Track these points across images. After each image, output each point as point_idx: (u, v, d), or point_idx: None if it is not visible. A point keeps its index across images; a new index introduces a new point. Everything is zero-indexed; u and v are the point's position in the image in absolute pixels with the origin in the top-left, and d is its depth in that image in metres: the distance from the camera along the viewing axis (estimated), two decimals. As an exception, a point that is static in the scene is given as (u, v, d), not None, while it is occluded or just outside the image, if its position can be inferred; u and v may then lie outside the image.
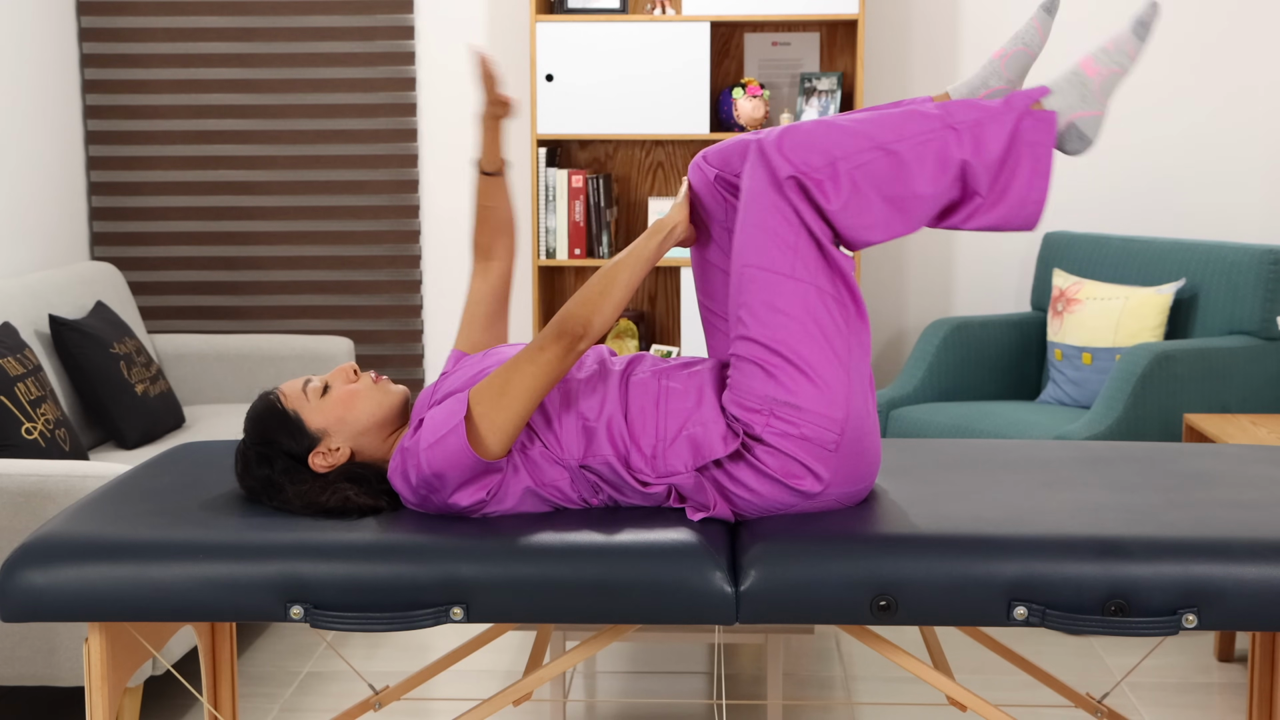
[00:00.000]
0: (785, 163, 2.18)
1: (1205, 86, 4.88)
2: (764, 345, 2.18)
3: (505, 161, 2.51)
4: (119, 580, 2.10)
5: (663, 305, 5.05)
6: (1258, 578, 2.06)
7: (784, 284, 2.18)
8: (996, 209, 2.23)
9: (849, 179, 2.18)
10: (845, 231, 2.20)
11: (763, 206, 2.20)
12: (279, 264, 5.04)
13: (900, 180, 2.19)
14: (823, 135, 2.19)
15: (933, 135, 2.20)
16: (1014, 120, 2.22)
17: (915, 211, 2.21)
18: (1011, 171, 2.22)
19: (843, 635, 3.93)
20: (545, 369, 2.17)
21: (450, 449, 2.14)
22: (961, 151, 2.20)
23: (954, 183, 2.21)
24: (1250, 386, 4.12)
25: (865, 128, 2.20)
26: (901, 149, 2.19)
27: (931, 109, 2.23)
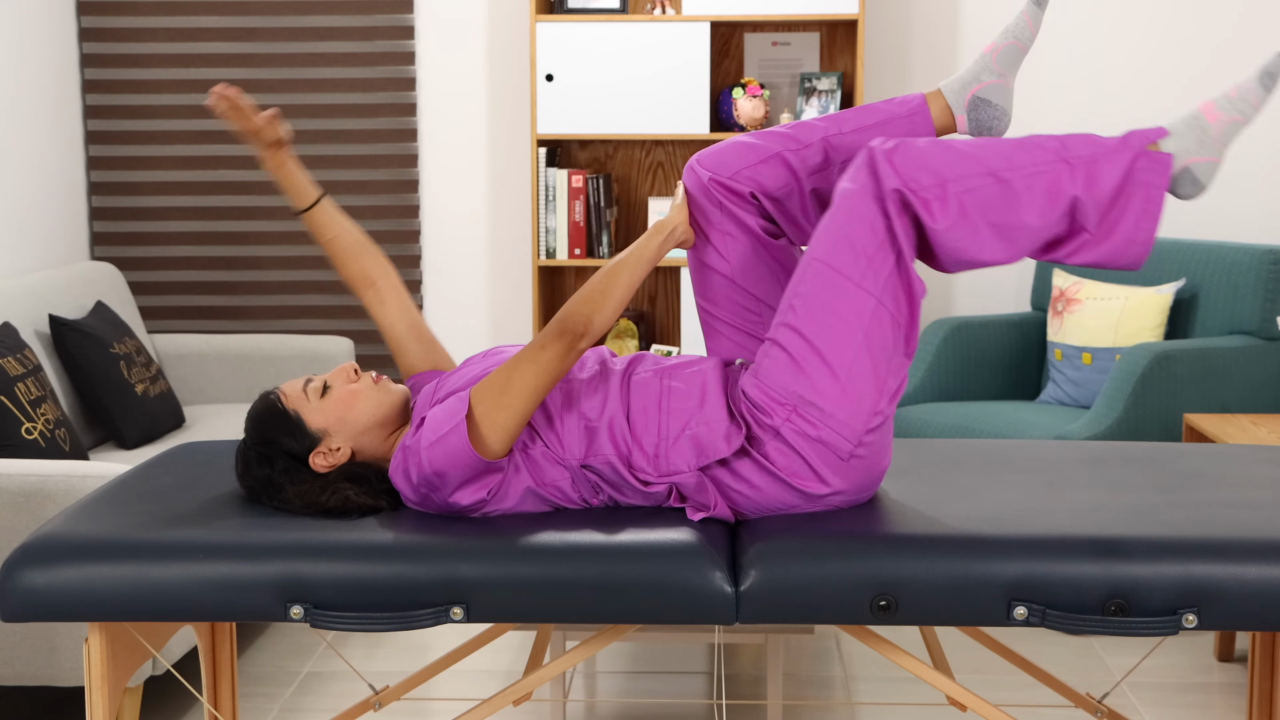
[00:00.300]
0: (894, 175, 2.16)
1: (1206, 88, 4.88)
2: (806, 339, 2.17)
3: (317, 189, 2.47)
4: (119, 580, 2.10)
5: (663, 305, 5.05)
6: (1258, 578, 2.06)
7: (847, 288, 2.17)
8: (1102, 246, 2.22)
9: (957, 201, 2.17)
10: (945, 252, 2.19)
11: (853, 210, 2.18)
12: (279, 264, 5.04)
13: (1009, 209, 2.18)
14: (935, 155, 2.18)
15: (1046, 167, 2.19)
16: (1129, 159, 2.21)
17: (1020, 241, 2.20)
18: (1121, 210, 2.21)
19: (843, 635, 3.93)
20: (546, 367, 2.17)
21: (451, 447, 2.14)
22: (1074, 187, 2.19)
23: (1062, 217, 2.20)
24: (1250, 386, 4.12)
25: (979, 153, 2.20)
26: (1013, 178, 2.18)
27: (1048, 141, 2.22)
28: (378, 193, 5.00)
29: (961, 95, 2.37)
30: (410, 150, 4.99)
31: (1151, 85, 4.89)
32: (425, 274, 5.07)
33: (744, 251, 2.34)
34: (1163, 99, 4.89)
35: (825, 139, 2.33)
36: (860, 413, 2.18)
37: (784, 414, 2.18)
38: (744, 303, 2.35)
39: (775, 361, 2.19)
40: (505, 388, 2.16)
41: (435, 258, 5.06)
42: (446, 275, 5.07)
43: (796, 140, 2.33)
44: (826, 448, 2.18)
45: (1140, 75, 4.89)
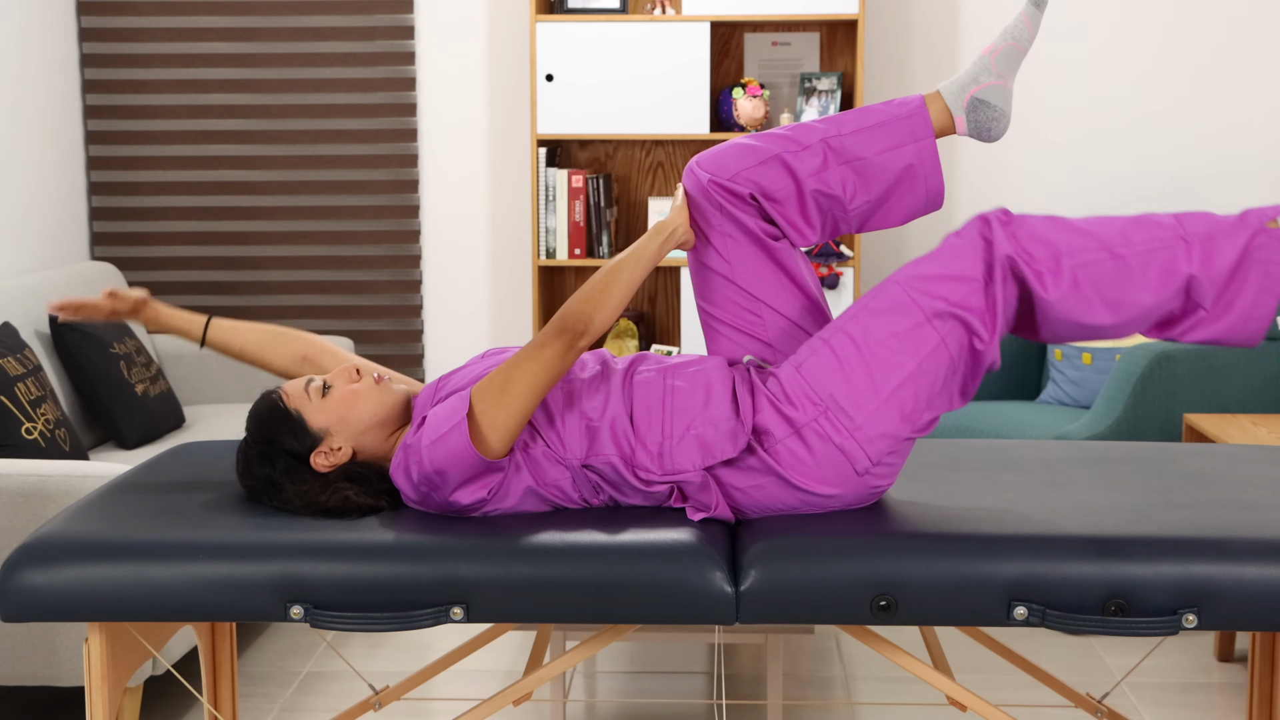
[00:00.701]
0: (1009, 243, 2.18)
1: (1206, 90, 4.88)
2: (859, 350, 2.19)
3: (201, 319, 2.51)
4: (119, 580, 2.10)
5: (663, 305, 5.05)
6: (1258, 578, 2.06)
7: (918, 319, 2.18)
8: (1218, 323, 2.22)
9: (1071, 275, 2.18)
10: (1054, 323, 2.20)
11: (955, 258, 2.20)
12: (279, 264, 5.04)
13: (1123, 285, 2.19)
14: (1051, 229, 2.20)
15: (1162, 245, 2.20)
16: (1247, 237, 2.21)
17: (1132, 316, 2.21)
18: (1238, 287, 2.21)
19: (843, 635, 3.93)
20: (546, 366, 2.17)
21: (452, 446, 2.14)
22: (1190, 265, 2.19)
23: (1177, 294, 2.21)
24: (1250, 386, 4.12)
25: (1095, 229, 2.21)
26: (1129, 254, 2.19)
27: (1164, 219, 2.23)
28: (378, 193, 5.00)
29: (960, 97, 2.37)
30: (410, 150, 4.99)
31: (1153, 84, 4.89)
32: (425, 274, 5.07)
33: (744, 253, 2.34)
34: (1164, 98, 4.89)
35: (825, 140, 2.33)
36: (885, 437, 2.20)
37: (813, 412, 2.19)
38: (744, 304, 2.35)
39: (822, 361, 2.20)
40: (506, 386, 2.16)
41: (435, 258, 5.06)
42: (446, 275, 5.07)
43: (796, 142, 2.33)
44: (844, 457, 2.19)
45: (1142, 74, 4.89)
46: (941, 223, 5.01)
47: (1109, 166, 4.93)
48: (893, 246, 5.03)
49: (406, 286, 5.05)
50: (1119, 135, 4.92)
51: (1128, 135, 4.91)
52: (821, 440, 2.19)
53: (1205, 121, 4.89)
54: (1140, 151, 4.91)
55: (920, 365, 2.18)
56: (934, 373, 2.19)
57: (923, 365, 2.18)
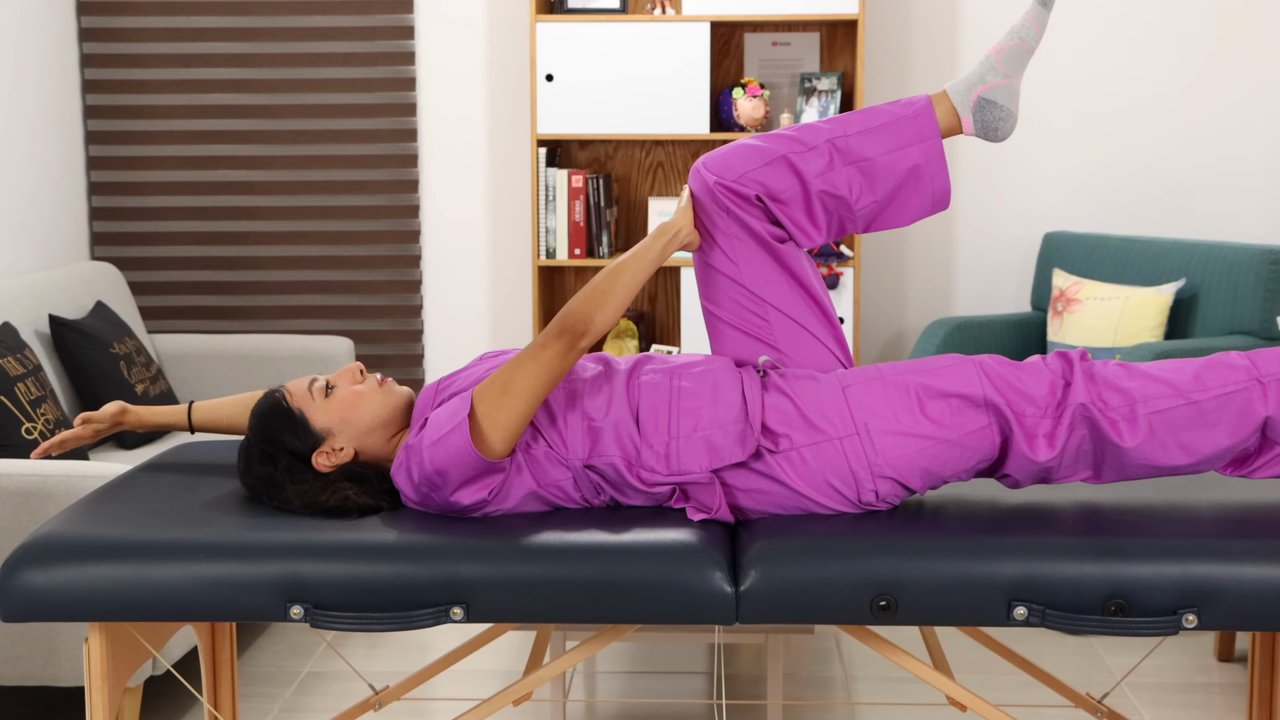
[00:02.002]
0: (1083, 390, 2.20)
1: (1206, 87, 4.88)
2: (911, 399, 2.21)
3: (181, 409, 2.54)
4: (119, 580, 2.10)
5: (663, 305, 5.05)
6: (1258, 578, 2.06)
7: (977, 404, 2.21)
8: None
9: (1146, 422, 2.19)
10: (1126, 466, 2.22)
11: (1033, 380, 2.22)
12: (279, 264, 5.04)
13: (1198, 428, 2.20)
14: (1125, 377, 2.21)
15: (1238, 388, 2.21)
16: None
17: (1208, 458, 2.22)
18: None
19: (843, 635, 3.93)
20: (547, 367, 2.17)
21: (453, 447, 2.14)
22: (1266, 407, 2.20)
23: (1253, 434, 2.22)
24: (1250, 386, 4.11)
25: (1169, 375, 2.22)
26: (1203, 399, 2.20)
27: (1238, 360, 2.23)
28: (378, 193, 5.00)
29: (967, 97, 2.37)
30: (410, 150, 4.99)
31: (1154, 83, 4.89)
32: (425, 274, 5.07)
33: (750, 254, 2.34)
34: (1164, 97, 4.89)
35: (830, 141, 2.33)
36: (896, 484, 2.22)
37: (845, 430, 2.20)
38: (749, 305, 2.35)
39: (873, 392, 2.23)
40: (507, 387, 2.16)
41: (435, 258, 5.06)
42: (446, 275, 5.07)
43: (802, 143, 2.33)
44: (854, 482, 2.20)
45: (1143, 73, 4.89)
46: (944, 222, 5.01)
47: (1110, 165, 4.93)
48: (893, 247, 5.03)
49: (406, 286, 5.05)
50: (1119, 134, 4.91)
51: (1128, 134, 4.91)
52: (839, 458, 2.19)
53: (1206, 120, 4.89)
54: (1141, 150, 4.91)
55: (961, 439, 2.21)
56: (969, 450, 2.22)
57: (964, 440, 2.21)
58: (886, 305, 5.06)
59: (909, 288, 5.05)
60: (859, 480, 2.20)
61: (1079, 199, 4.96)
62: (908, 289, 5.05)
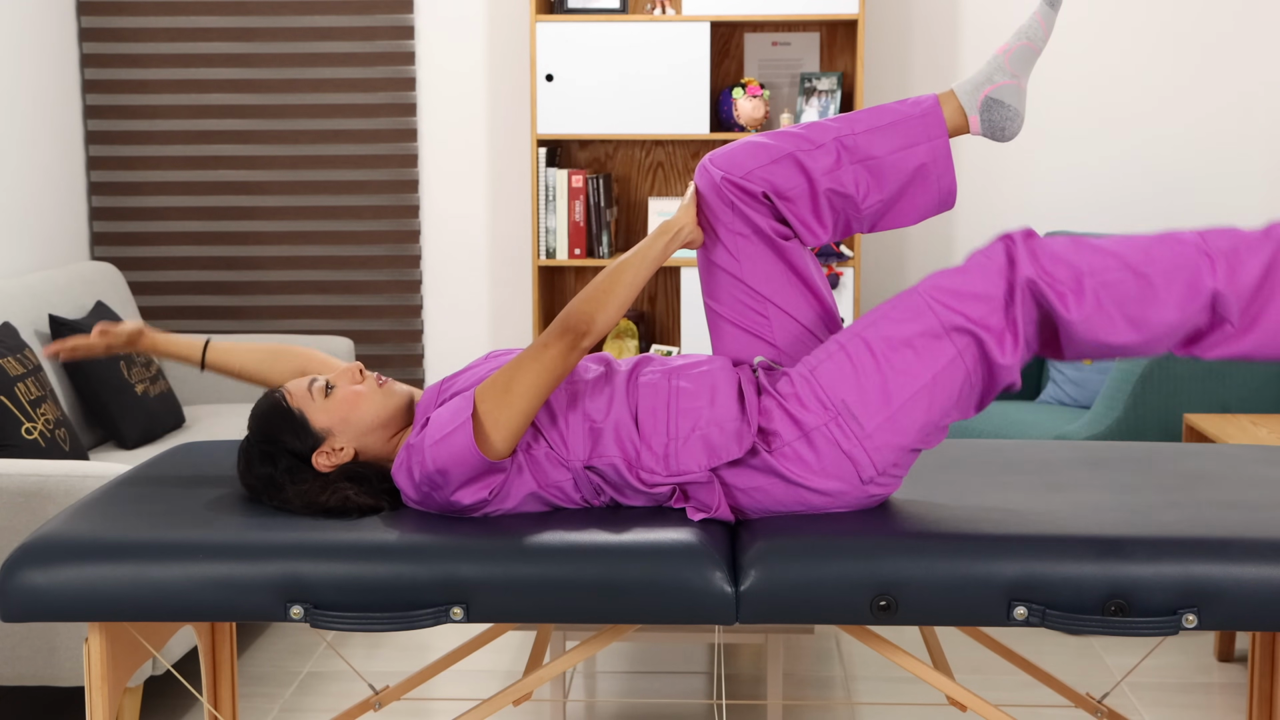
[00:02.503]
0: (1030, 265, 2.17)
1: (1206, 87, 4.88)
2: (875, 359, 2.19)
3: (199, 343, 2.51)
4: (119, 580, 2.10)
5: (663, 305, 5.05)
6: (1258, 578, 2.06)
7: (936, 331, 2.18)
8: (1246, 338, 2.21)
9: (1094, 295, 2.17)
10: (1078, 343, 2.19)
11: (977, 274, 2.19)
12: (279, 264, 5.04)
13: (1146, 303, 2.18)
14: (1073, 251, 2.19)
15: (1186, 261, 2.19)
16: (1272, 250, 2.20)
17: (1158, 335, 2.19)
18: (1265, 302, 2.20)
19: (843, 635, 3.93)
20: (549, 366, 2.17)
21: (455, 446, 2.14)
22: (1214, 280, 2.18)
23: (1202, 310, 2.19)
24: (1250, 386, 4.12)
25: (1117, 248, 2.20)
26: (1152, 272, 2.18)
27: (1187, 235, 2.22)
28: (378, 193, 5.00)
29: (974, 96, 2.37)
30: (410, 150, 4.99)
31: (1154, 81, 4.89)
32: (425, 274, 5.07)
33: (754, 252, 2.34)
34: (1165, 96, 4.89)
35: (838, 139, 2.33)
36: (893, 445, 2.20)
37: (824, 417, 2.19)
38: (751, 304, 2.35)
39: (837, 366, 2.20)
40: (509, 387, 2.16)
41: (435, 258, 5.06)
42: (446, 275, 5.07)
43: (809, 140, 2.33)
44: (851, 464, 2.19)
45: (1143, 72, 4.89)
46: (944, 221, 5.01)
47: (1110, 164, 4.93)
48: (893, 246, 5.03)
49: (406, 286, 5.05)
50: (1119, 133, 4.91)
51: (1128, 133, 4.91)
52: (830, 445, 2.18)
53: (1206, 119, 4.89)
54: (1141, 148, 4.91)
55: (935, 378, 2.18)
56: (948, 386, 2.19)
57: (938, 378, 2.18)
58: (886, 305, 5.06)
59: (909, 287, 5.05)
60: (855, 460, 2.19)
61: (1079, 198, 4.96)
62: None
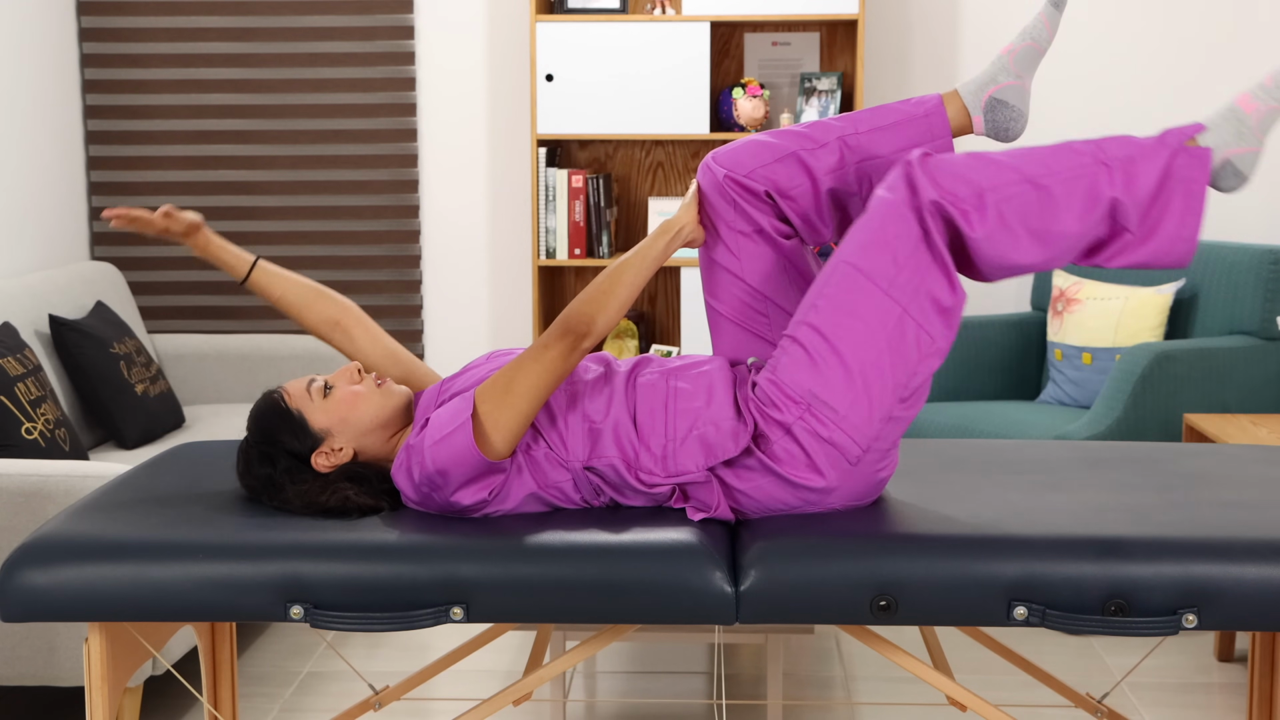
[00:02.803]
0: (932, 187, 2.16)
1: (1205, 87, 4.88)
2: (826, 340, 2.17)
3: (249, 257, 2.48)
4: (119, 580, 2.10)
5: (663, 305, 5.05)
6: (1258, 578, 2.06)
7: (874, 294, 2.16)
8: (1145, 246, 2.21)
9: (996, 210, 2.16)
10: (984, 262, 2.19)
11: (888, 218, 2.18)
12: (279, 264, 5.03)
13: (1048, 215, 2.17)
14: (972, 167, 2.18)
15: (1083, 171, 2.19)
16: (1167, 157, 2.20)
17: (1061, 246, 2.19)
18: (1163, 209, 2.20)
19: (843, 635, 3.93)
20: (549, 368, 2.17)
21: (455, 447, 2.14)
22: (1112, 189, 2.18)
23: (1103, 219, 2.19)
24: (1250, 386, 4.12)
25: (1015, 161, 2.19)
26: (1051, 184, 2.18)
27: (1083, 145, 2.21)
28: (378, 193, 5.00)
29: (978, 96, 2.37)
30: (410, 150, 4.99)
31: (1155, 81, 4.89)
32: (425, 274, 5.07)
33: (756, 251, 2.34)
34: (1166, 96, 4.89)
35: (841, 139, 2.33)
36: (873, 419, 2.18)
37: (797, 411, 2.18)
38: (752, 303, 2.35)
39: (793, 359, 2.19)
40: (509, 388, 2.16)
41: (435, 258, 5.06)
42: (446, 275, 5.07)
43: (812, 140, 2.33)
44: (835, 449, 2.18)
45: (1143, 71, 4.89)
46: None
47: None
48: (893, 246, 5.03)
49: (406, 286, 5.05)
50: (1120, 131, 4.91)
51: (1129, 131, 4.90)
52: (811, 437, 2.18)
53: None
54: (1140, 151, 4.91)
55: (889, 340, 2.16)
56: (904, 343, 2.17)
57: (891, 339, 2.16)
58: (886, 305, 5.06)
59: (909, 288, 5.05)
60: (838, 444, 2.18)
61: (1079, 199, 4.95)
62: (908, 289, 5.05)
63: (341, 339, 2.50)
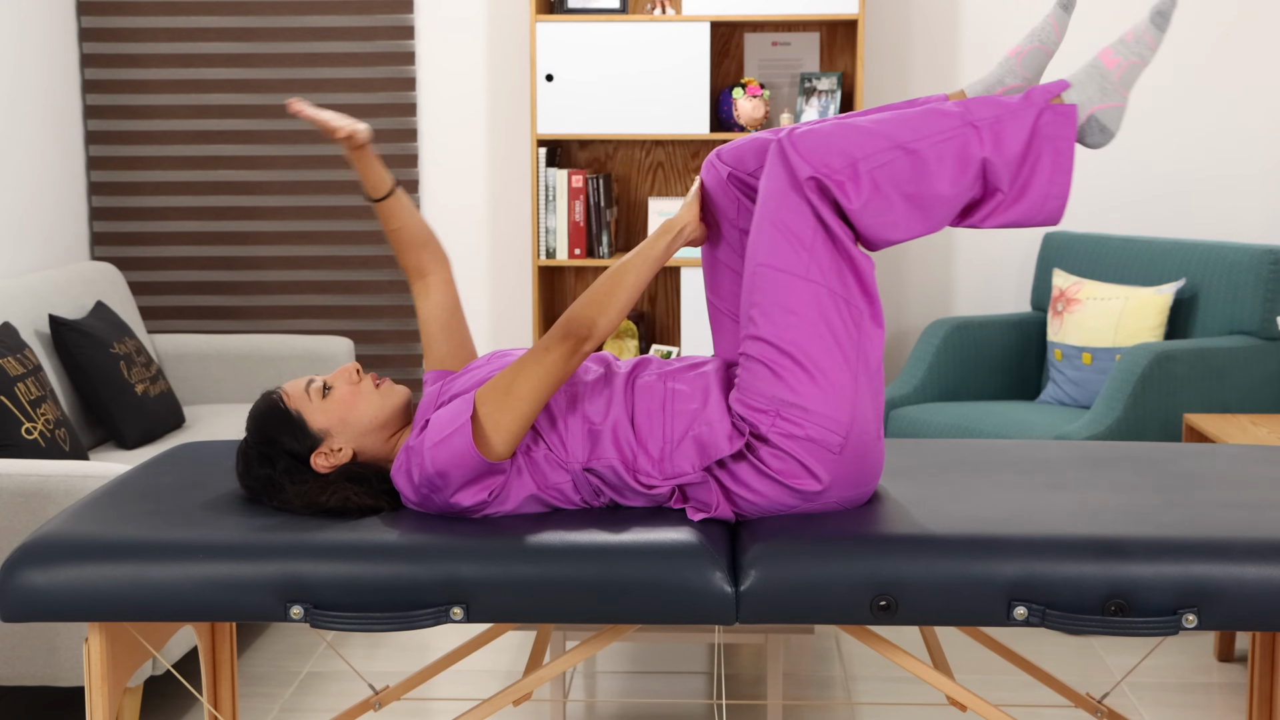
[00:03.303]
0: (805, 164, 2.17)
1: (1206, 87, 4.88)
2: (773, 345, 2.18)
3: (390, 182, 2.47)
4: (119, 580, 2.10)
5: (663, 305, 5.05)
6: (1258, 578, 2.06)
7: (796, 284, 2.18)
8: (1018, 205, 2.22)
9: (870, 179, 2.17)
10: (866, 231, 2.20)
11: (780, 206, 2.19)
12: (279, 264, 5.04)
13: (921, 179, 2.18)
14: (842, 136, 2.19)
15: (953, 133, 2.20)
16: (1034, 116, 2.22)
17: (937, 210, 2.20)
18: (1032, 167, 2.21)
19: (843, 635, 3.93)
20: (550, 370, 2.17)
21: (455, 449, 2.15)
22: (982, 149, 2.19)
23: (975, 180, 2.20)
24: (1250, 386, 4.11)
25: (884, 128, 2.20)
26: (922, 148, 2.18)
27: (951, 107, 2.22)
28: (378, 193, 4.99)
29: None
30: (410, 150, 4.99)
31: (1155, 83, 4.89)
32: (425, 274, 5.07)
33: None
34: (1166, 98, 4.89)
35: None
36: (841, 402, 2.18)
37: (769, 420, 2.19)
38: None
39: (752, 374, 2.21)
40: (510, 390, 2.16)
41: (435, 258, 5.06)
42: (446, 275, 5.07)
43: None
44: (816, 444, 2.18)
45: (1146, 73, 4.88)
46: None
47: (1110, 165, 4.93)
48: (893, 246, 5.04)
49: (406, 287, 5.05)
50: (1122, 137, 4.91)
51: (1128, 134, 4.91)
52: (789, 440, 2.18)
53: (1206, 120, 4.89)
54: (1141, 150, 4.91)
55: (826, 320, 2.18)
56: (840, 318, 2.19)
57: (828, 320, 2.18)
58: (886, 305, 5.06)
59: (909, 288, 5.05)
60: (816, 439, 2.18)
61: (1079, 199, 4.96)
62: (908, 289, 5.05)
63: (419, 290, 2.51)
